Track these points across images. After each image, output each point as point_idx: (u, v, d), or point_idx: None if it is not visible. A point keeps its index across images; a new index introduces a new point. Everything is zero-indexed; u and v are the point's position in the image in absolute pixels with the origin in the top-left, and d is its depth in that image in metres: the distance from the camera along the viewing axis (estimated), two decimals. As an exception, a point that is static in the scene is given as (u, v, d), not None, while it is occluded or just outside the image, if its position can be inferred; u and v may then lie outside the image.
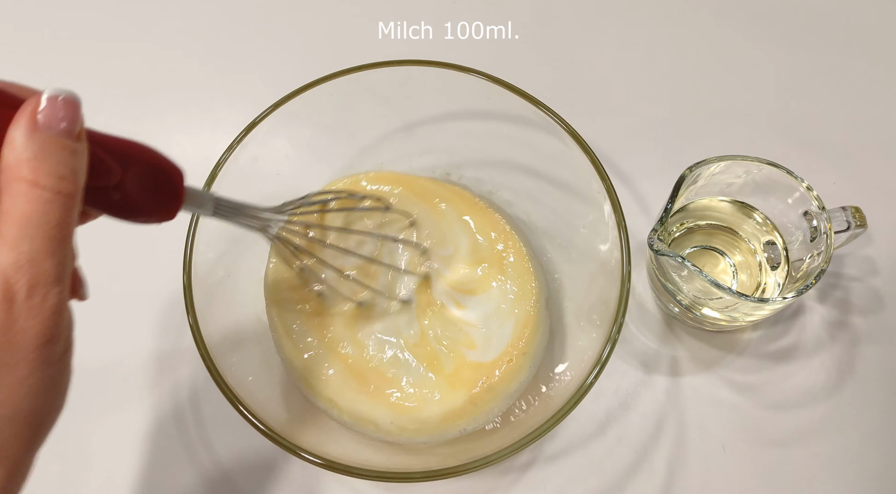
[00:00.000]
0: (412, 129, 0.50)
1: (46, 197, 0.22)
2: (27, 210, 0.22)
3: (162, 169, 0.29)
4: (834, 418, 0.47)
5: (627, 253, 0.39)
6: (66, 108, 0.23)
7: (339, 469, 0.36)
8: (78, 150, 0.24)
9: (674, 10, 0.62)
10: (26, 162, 0.22)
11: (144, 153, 0.28)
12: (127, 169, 0.27)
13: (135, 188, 0.28)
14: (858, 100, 0.57)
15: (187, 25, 0.62)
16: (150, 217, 0.29)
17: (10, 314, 0.22)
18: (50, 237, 0.22)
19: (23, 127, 0.22)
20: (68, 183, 0.23)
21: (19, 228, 0.22)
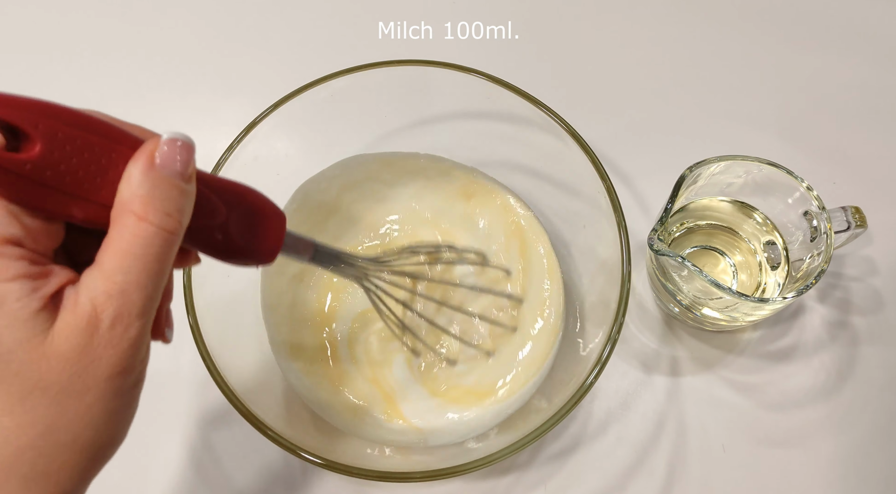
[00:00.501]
0: (412, 129, 0.50)
1: (150, 231, 0.23)
2: (129, 242, 0.23)
3: (265, 213, 0.30)
4: (834, 418, 0.47)
5: (627, 253, 0.39)
6: (181, 150, 0.24)
7: (339, 469, 0.36)
8: (187, 190, 0.24)
9: (674, 10, 0.62)
10: (139, 197, 0.23)
11: (250, 196, 0.29)
12: (232, 210, 0.28)
13: (237, 230, 0.28)
14: (858, 100, 0.57)
15: (187, 25, 0.62)
16: (249, 259, 0.29)
17: (90, 341, 0.22)
18: (145, 270, 0.23)
19: (140, 165, 0.23)
20: (174, 220, 0.24)
21: (118, 259, 0.22)
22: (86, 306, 0.22)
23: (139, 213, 0.23)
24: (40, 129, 0.22)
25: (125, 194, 0.23)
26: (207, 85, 0.59)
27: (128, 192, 0.23)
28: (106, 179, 0.23)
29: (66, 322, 0.22)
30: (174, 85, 0.59)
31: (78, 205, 0.23)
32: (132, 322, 0.23)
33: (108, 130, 0.24)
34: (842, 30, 0.60)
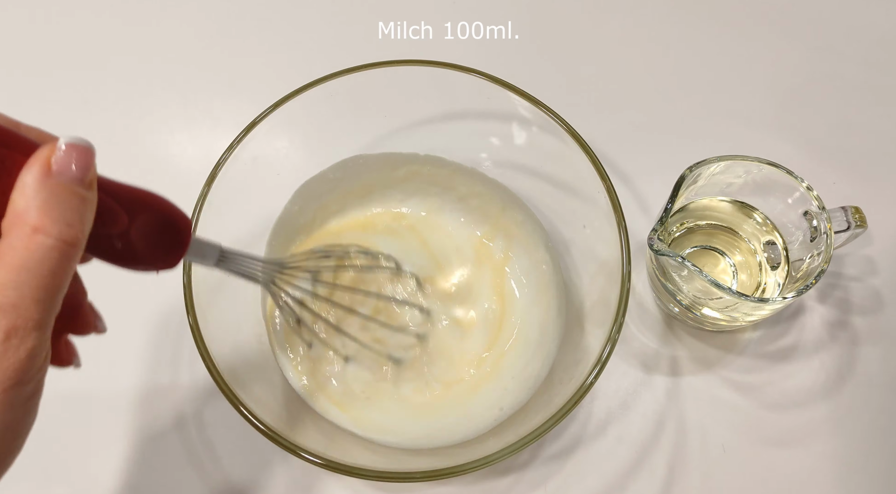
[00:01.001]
0: (412, 129, 0.50)
1: (48, 244, 0.22)
2: (23, 257, 0.21)
3: (170, 219, 0.28)
4: (834, 418, 0.47)
5: (627, 253, 0.39)
6: (79, 155, 0.23)
7: (339, 470, 0.36)
8: (88, 198, 0.23)
9: (674, 10, 0.62)
10: (35, 208, 0.22)
11: (154, 202, 0.28)
12: (134, 218, 0.27)
13: (139, 237, 0.27)
14: (859, 100, 0.57)
15: (187, 25, 0.62)
16: (150, 267, 0.28)
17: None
18: (41, 286, 0.22)
19: (35, 172, 0.22)
20: (74, 231, 0.22)
21: (11, 273, 0.21)
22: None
23: (35, 224, 0.21)
24: None
25: (19, 204, 0.22)
26: (207, 85, 0.59)
27: (22, 202, 0.22)
28: None
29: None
30: (174, 85, 0.59)
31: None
32: (27, 335, 0.22)
33: (2, 137, 0.22)
34: (842, 31, 0.60)
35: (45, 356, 0.23)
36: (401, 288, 0.46)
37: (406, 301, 0.46)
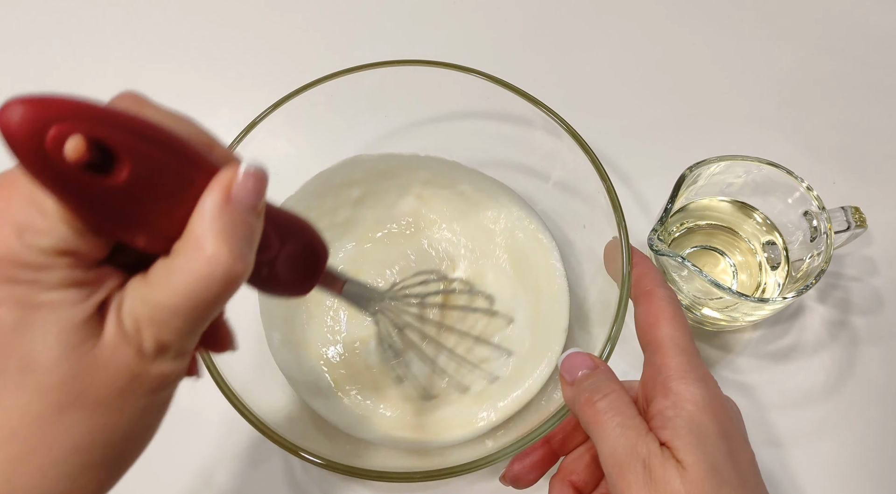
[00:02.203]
0: (412, 129, 0.50)
1: (218, 276, 0.21)
2: (191, 282, 0.21)
3: (313, 247, 0.28)
4: (834, 418, 0.47)
5: (627, 253, 0.38)
6: (256, 182, 0.23)
7: (339, 470, 0.36)
8: (256, 228, 0.23)
9: (674, 10, 0.62)
10: (212, 236, 0.21)
11: (303, 230, 0.27)
12: (283, 245, 0.26)
13: (284, 265, 0.27)
14: (858, 100, 0.57)
15: (187, 25, 0.62)
16: (286, 293, 0.28)
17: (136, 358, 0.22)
18: (200, 315, 0.22)
19: (216, 198, 0.22)
20: (243, 264, 0.22)
21: (176, 297, 0.21)
22: (129, 324, 0.21)
23: (210, 253, 0.21)
24: (133, 152, 0.20)
25: (197, 229, 0.22)
26: (207, 85, 0.59)
27: (200, 227, 0.21)
28: (178, 209, 0.22)
29: (113, 335, 0.21)
30: (173, 85, 0.59)
31: (145, 233, 0.22)
32: (176, 356, 0.23)
33: (189, 153, 0.22)
34: (842, 31, 0.60)
35: (183, 372, 0.24)
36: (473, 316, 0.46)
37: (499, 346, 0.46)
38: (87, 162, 0.19)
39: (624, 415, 0.31)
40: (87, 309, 0.21)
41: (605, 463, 0.30)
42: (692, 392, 0.30)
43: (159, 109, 0.23)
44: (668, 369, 0.31)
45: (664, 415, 0.30)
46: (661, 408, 0.30)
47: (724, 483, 0.28)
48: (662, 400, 0.31)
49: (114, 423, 0.22)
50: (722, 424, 0.30)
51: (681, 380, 0.31)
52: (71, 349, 0.20)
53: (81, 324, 0.21)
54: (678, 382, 0.31)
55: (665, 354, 0.32)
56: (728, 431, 0.30)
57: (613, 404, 0.31)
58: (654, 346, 0.33)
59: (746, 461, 0.30)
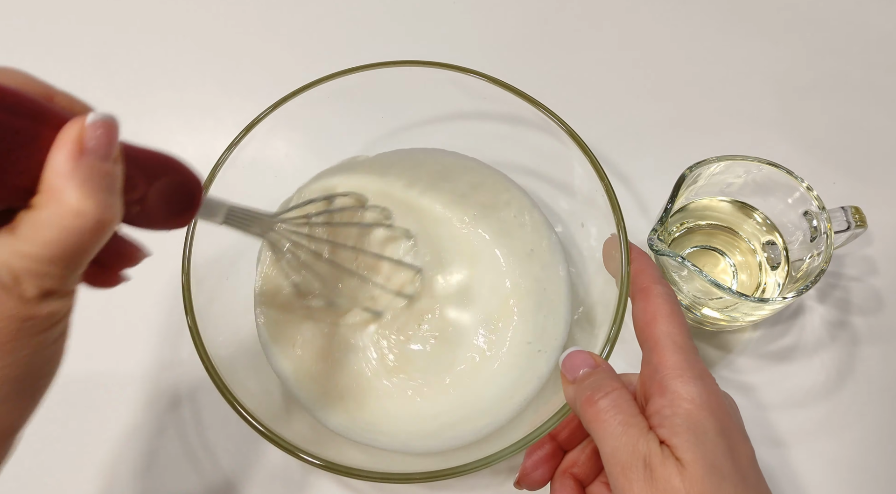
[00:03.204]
0: (411, 129, 0.50)
1: (89, 226, 0.22)
2: (62, 235, 0.22)
3: (185, 181, 0.29)
4: (834, 418, 0.47)
5: (626, 254, 0.38)
6: (107, 131, 0.23)
7: (339, 471, 0.36)
8: (117, 173, 0.24)
9: (674, 10, 0.62)
10: (73, 189, 0.22)
11: (171, 166, 0.28)
12: (151, 183, 0.27)
13: (155, 200, 0.27)
14: (858, 100, 0.57)
15: (187, 25, 0.62)
16: (163, 227, 0.29)
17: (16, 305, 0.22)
18: (76, 261, 0.23)
19: (68, 151, 0.22)
20: (112, 211, 0.23)
21: (47, 247, 0.22)
22: (7, 277, 0.22)
23: (76, 207, 0.22)
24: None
25: (55, 183, 0.22)
26: (207, 85, 0.59)
27: (57, 181, 0.22)
28: (27, 163, 0.22)
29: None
30: (173, 85, 0.59)
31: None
32: (62, 293, 0.23)
33: (28, 108, 0.22)
34: (843, 31, 0.60)
35: (70, 309, 0.25)
36: (393, 246, 0.46)
37: (401, 262, 0.46)
38: None
39: (625, 414, 0.31)
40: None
41: (606, 462, 0.30)
42: (689, 391, 0.30)
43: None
44: (665, 367, 0.31)
45: (662, 414, 0.30)
46: (659, 407, 0.30)
47: (724, 479, 0.28)
48: (660, 399, 0.31)
49: (14, 363, 0.23)
50: (720, 421, 0.30)
51: (678, 378, 0.31)
52: None
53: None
54: (675, 380, 0.31)
55: (662, 352, 0.32)
56: (726, 428, 0.30)
57: (615, 402, 0.31)
58: (651, 343, 0.33)
59: (746, 457, 0.30)
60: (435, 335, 0.45)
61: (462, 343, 0.45)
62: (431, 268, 0.47)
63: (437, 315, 0.46)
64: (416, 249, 0.46)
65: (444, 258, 0.47)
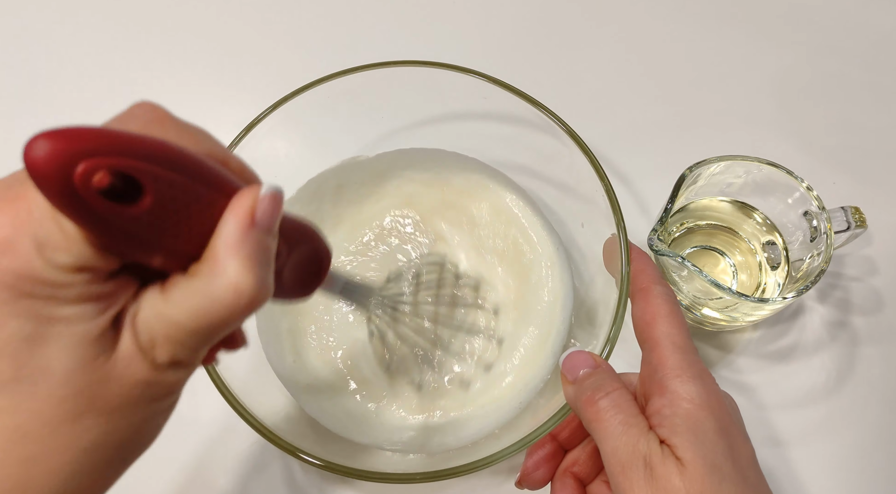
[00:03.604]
0: (411, 129, 0.50)
1: (241, 304, 0.22)
2: (212, 309, 0.21)
3: (317, 252, 0.28)
4: (834, 418, 0.47)
5: (626, 255, 0.38)
6: (275, 205, 0.22)
7: (339, 471, 0.36)
8: (273, 248, 0.23)
9: (674, 10, 0.62)
10: (237, 263, 0.21)
11: (308, 235, 0.27)
12: (290, 253, 0.26)
13: (290, 271, 0.26)
14: (858, 100, 0.57)
15: (187, 25, 0.62)
16: (286, 298, 0.28)
17: (149, 370, 0.22)
18: (215, 334, 0.22)
19: (240, 223, 0.22)
20: (266, 291, 0.22)
21: (196, 320, 0.22)
22: (145, 339, 0.22)
23: (237, 284, 0.21)
24: (157, 181, 0.20)
25: (220, 254, 0.21)
26: (206, 85, 0.59)
27: (223, 252, 0.21)
28: (197, 230, 0.22)
29: (128, 349, 0.22)
30: (173, 85, 0.59)
31: (163, 255, 0.21)
32: (188, 365, 0.23)
33: (211, 176, 0.22)
34: (843, 31, 0.60)
35: (189, 377, 0.24)
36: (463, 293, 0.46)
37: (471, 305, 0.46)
38: (112, 191, 0.19)
39: (626, 413, 0.31)
40: (102, 324, 0.21)
41: (607, 462, 0.30)
42: (688, 390, 0.30)
43: (178, 123, 0.23)
44: (664, 367, 0.31)
45: (661, 414, 0.30)
46: (659, 407, 0.30)
47: (724, 479, 0.28)
48: (659, 398, 0.31)
49: (124, 427, 0.22)
50: (720, 420, 0.30)
51: (677, 378, 0.31)
52: (85, 362, 0.21)
53: (96, 339, 0.21)
54: (675, 380, 0.31)
55: (661, 352, 0.32)
56: (726, 427, 0.30)
57: (615, 402, 0.31)
58: (650, 344, 0.33)
59: (746, 456, 0.30)
60: (435, 336, 0.45)
61: (462, 344, 0.45)
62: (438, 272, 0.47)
63: (438, 317, 0.46)
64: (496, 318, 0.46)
65: (445, 263, 0.47)
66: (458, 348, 0.45)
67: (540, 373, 0.44)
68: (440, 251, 0.47)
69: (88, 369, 0.21)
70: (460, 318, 0.46)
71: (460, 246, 0.47)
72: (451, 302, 0.46)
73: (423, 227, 0.48)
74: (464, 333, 0.45)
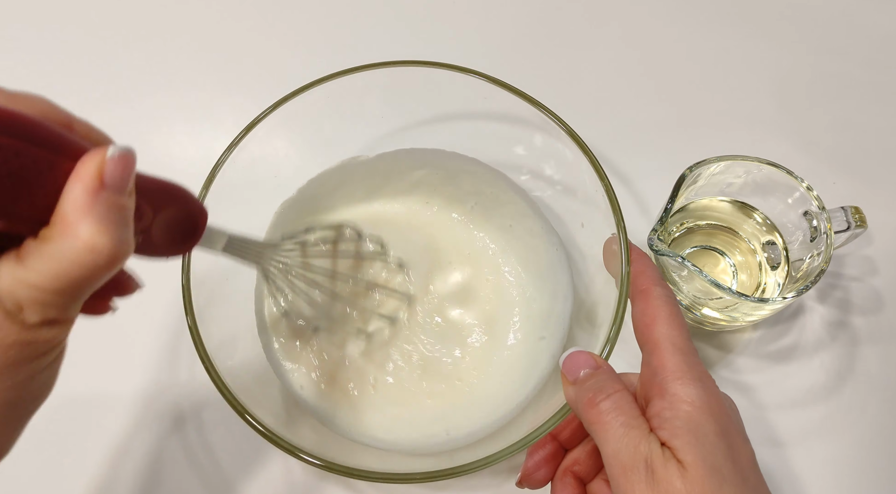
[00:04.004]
0: (411, 129, 0.50)
1: (101, 262, 0.22)
2: (71, 269, 0.22)
3: (189, 210, 0.28)
4: (834, 418, 0.47)
5: (626, 255, 0.38)
6: (126, 164, 0.23)
7: (339, 471, 0.36)
8: (129, 206, 0.23)
9: (673, 10, 0.61)
10: (89, 225, 0.22)
11: (177, 195, 0.27)
12: (157, 213, 0.26)
13: (159, 229, 0.27)
14: (858, 100, 0.57)
15: (187, 25, 0.62)
16: (163, 255, 0.28)
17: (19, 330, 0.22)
18: (82, 292, 0.23)
19: (87, 184, 0.22)
20: (125, 247, 0.23)
21: (56, 280, 0.22)
22: (10, 304, 0.22)
23: (90, 242, 0.22)
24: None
25: (70, 216, 0.22)
26: (207, 85, 0.59)
27: (73, 214, 0.22)
28: (42, 193, 0.22)
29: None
30: (173, 85, 0.59)
31: (6, 219, 0.21)
32: (63, 321, 0.24)
33: (49, 138, 0.21)
34: (843, 31, 0.60)
35: (67, 334, 0.25)
36: (385, 274, 0.47)
37: (389, 288, 0.46)
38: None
39: (627, 415, 0.31)
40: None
41: (608, 464, 0.30)
42: (689, 393, 0.30)
43: (9, 92, 0.23)
44: (664, 370, 0.31)
45: (662, 416, 0.30)
46: (659, 409, 0.30)
47: (725, 481, 0.28)
48: (660, 401, 0.31)
49: (10, 387, 0.23)
50: (720, 422, 0.30)
51: (677, 381, 0.31)
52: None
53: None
54: (675, 383, 0.31)
55: (662, 354, 0.32)
56: (726, 429, 0.30)
57: (616, 404, 0.31)
58: (651, 346, 0.33)
59: (746, 458, 0.30)
60: (435, 336, 0.45)
61: (462, 344, 0.45)
62: (431, 271, 0.47)
63: (437, 318, 0.46)
64: (408, 276, 0.47)
65: (442, 261, 0.47)
66: None
67: (539, 373, 0.44)
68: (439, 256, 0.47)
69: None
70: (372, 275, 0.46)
71: (463, 249, 0.47)
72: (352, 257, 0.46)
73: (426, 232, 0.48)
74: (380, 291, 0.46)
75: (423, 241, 0.48)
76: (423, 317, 0.46)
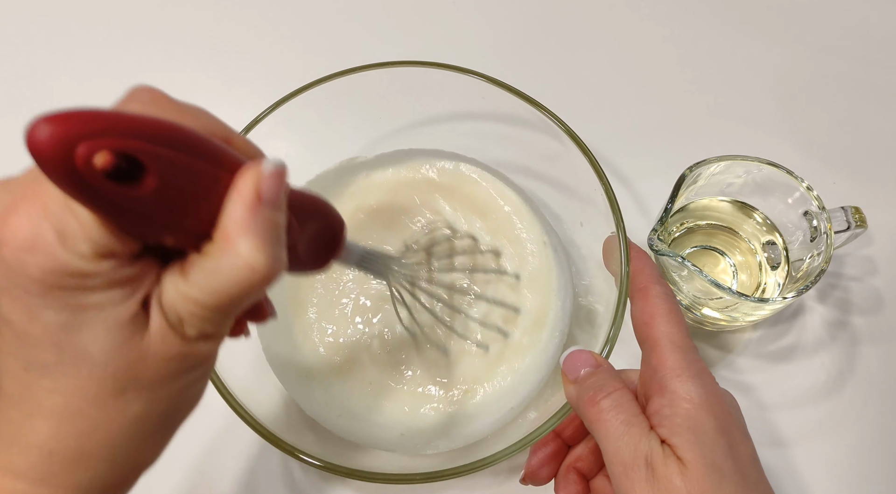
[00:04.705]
0: (410, 129, 0.50)
1: (256, 281, 0.22)
2: (229, 286, 0.22)
3: (331, 224, 0.28)
4: (834, 418, 0.47)
5: (626, 255, 0.38)
6: (279, 180, 0.23)
7: (339, 471, 0.36)
8: (283, 222, 0.23)
9: (673, 10, 0.62)
10: (247, 239, 0.22)
11: (321, 208, 0.27)
12: (303, 227, 0.26)
13: (303, 245, 0.27)
14: (858, 100, 0.57)
15: (187, 25, 0.62)
16: (305, 270, 0.28)
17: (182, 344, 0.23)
18: (235, 309, 0.23)
19: (246, 201, 0.22)
20: (279, 265, 0.23)
21: (214, 296, 0.22)
22: (173, 317, 0.23)
23: (247, 258, 0.22)
24: (160, 160, 0.20)
25: (231, 232, 0.22)
26: (207, 84, 0.59)
27: (233, 230, 0.22)
28: (205, 208, 0.22)
29: (159, 328, 0.23)
30: (173, 84, 0.59)
31: (173, 234, 0.22)
32: (216, 336, 0.24)
33: (214, 153, 0.22)
34: (843, 31, 0.60)
35: (220, 345, 0.25)
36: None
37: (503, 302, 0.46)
38: (116, 173, 0.19)
39: (627, 413, 0.31)
40: (132, 307, 0.22)
41: (608, 462, 0.30)
42: (688, 390, 0.30)
43: (177, 104, 0.23)
44: (664, 367, 0.31)
45: (661, 414, 0.30)
46: (659, 407, 0.30)
47: (725, 478, 0.28)
48: (659, 399, 0.31)
49: (165, 398, 0.24)
50: (720, 419, 0.30)
51: (677, 378, 0.31)
52: (121, 343, 0.22)
53: (128, 321, 0.22)
54: (674, 380, 0.31)
55: (661, 352, 0.32)
56: (726, 426, 0.30)
57: (616, 402, 0.31)
58: (650, 344, 0.33)
59: (747, 455, 0.30)
60: (435, 337, 0.45)
61: (463, 344, 0.45)
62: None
63: (436, 318, 0.46)
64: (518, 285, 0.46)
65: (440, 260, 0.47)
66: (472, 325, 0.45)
67: (539, 373, 0.44)
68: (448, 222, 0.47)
69: (125, 349, 0.22)
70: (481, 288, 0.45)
71: None
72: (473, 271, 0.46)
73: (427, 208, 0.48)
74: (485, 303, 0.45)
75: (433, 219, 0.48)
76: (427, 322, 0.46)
